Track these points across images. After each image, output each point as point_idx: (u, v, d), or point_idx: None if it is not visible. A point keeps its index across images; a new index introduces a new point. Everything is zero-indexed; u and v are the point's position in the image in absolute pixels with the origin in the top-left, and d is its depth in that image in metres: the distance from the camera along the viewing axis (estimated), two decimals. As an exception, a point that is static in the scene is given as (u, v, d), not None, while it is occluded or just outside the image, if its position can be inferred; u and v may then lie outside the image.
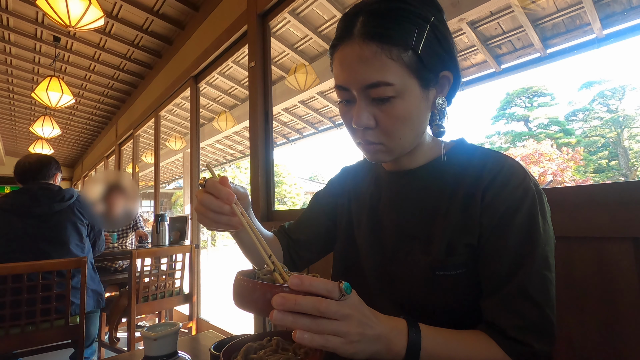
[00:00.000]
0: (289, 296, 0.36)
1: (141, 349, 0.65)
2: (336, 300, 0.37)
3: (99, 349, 2.24)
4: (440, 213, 0.54)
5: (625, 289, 0.77)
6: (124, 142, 5.30)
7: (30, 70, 4.26)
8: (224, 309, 4.30)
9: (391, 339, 0.41)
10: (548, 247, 0.50)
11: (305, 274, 0.39)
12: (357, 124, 0.51)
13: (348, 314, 0.37)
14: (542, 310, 0.47)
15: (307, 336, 0.36)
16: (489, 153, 0.56)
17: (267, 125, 2.12)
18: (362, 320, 0.39)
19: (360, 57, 0.48)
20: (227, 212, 0.49)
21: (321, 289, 0.37)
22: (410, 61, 0.48)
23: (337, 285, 0.37)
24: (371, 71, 0.47)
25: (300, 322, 0.36)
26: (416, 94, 0.50)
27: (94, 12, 2.24)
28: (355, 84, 0.49)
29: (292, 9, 2.24)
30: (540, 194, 0.51)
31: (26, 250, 1.67)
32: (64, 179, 10.30)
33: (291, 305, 0.36)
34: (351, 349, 0.38)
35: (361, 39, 0.48)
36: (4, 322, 1.50)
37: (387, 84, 0.48)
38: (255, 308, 0.38)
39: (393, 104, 0.49)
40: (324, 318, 0.36)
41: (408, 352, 0.42)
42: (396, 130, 0.51)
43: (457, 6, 2.31)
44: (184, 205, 5.02)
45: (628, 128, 17.07)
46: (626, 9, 2.85)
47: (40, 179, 1.84)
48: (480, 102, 55.97)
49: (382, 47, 0.47)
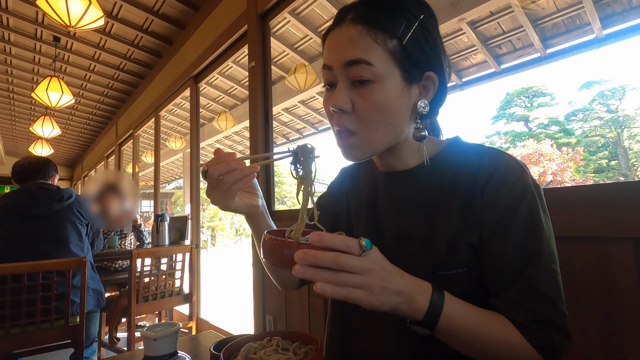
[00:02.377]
0: (309, 251, 0.37)
1: (141, 349, 0.65)
2: (356, 255, 0.39)
3: (99, 349, 2.24)
4: (439, 212, 0.54)
5: (625, 289, 0.77)
6: (124, 142, 5.30)
7: (30, 70, 4.26)
8: (224, 309, 4.31)
9: (413, 296, 0.42)
10: (552, 240, 0.50)
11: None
12: (334, 105, 0.51)
13: (369, 267, 0.39)
14: (555, 305, 0.47)
15: (329, 288, 0.37)
16: (485, 150, 0.55)
17: (267, 125, 2.12)
18: (384, 275, 0.40)
19: (346, 37, 0.50)
20: (237, 166, 0.50)
21: (341, 245, 0.38)
22: (395, 50, 0.49)
23: (357, 242, 0.39)
24: (354, 48, 0.49)
25: (321, 275, 0.38)
26: (397, 85, 0.50)
27: (94, 12, 2.24)
28: (337, 60, 0.51)
29: (292, 9, 2.24)
30: (539, 189, 0.52)
31: (26, 250, 1.67)
32: (64, 179, 10.32)
33: (312, 259, 0.37)
34: (374, 301, 0.39)
35: (350, 22, 0.50)
36: (4, 322, 1.50)
37: (367, 62, 0.48)
38: (281, 263, 0.40)
39: (372, 88, 0.49)
40: (345, 272, 0.38)
41: (429, 312, 0.43)
42: (372, 118, 0.51)
43: (457, 6, 2.31)
44: (184, 205, 5.02)
45: (628, 128, 17.07)
46: (626, 9, 2.85)
47: (39, 178, 1.84)
48: (480, 102, 56.00)
49: (369, 30, 0.49)
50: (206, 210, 18.21)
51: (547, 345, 0.46)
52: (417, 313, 0.43)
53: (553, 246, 0.50)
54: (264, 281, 1.99)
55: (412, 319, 0.44)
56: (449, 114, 52.74)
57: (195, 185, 3.07)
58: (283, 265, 0.40)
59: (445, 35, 3.22)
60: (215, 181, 0.50)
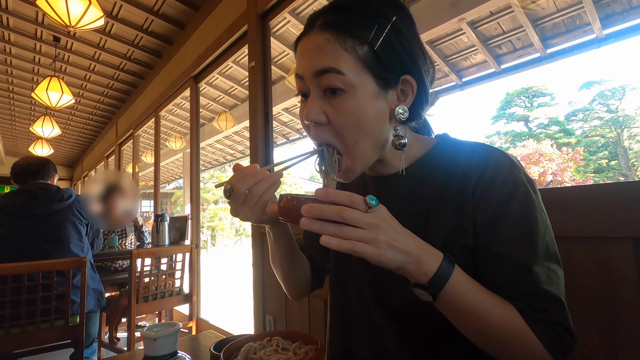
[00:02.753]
0: (314, 205, 0.39)
1: (141, 349, 0.65)
2: (362, 211, 0.39)
3: (99, 349, 2.24)
4: (432, 214, 0.53)
5: (625, 289, 0.77)
6: (124, 142, 5.30)
7: (30, 70, 4.26)
8: (224, 309, 4.31)
9: (421, 258, 0.42)
10: (548, 236, 0.48)
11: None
12: (307, 118, 0.50)
13: (374, 222, 0.39)
14: (557, 304, 0.46)
15: (334, 241, 0.38)
16: (475, 147, 0.54)
17: (267, 125, 2.12)
18: (390, 232, 0.40)
19: (314, 45, 0.49)
20: (262, 176, 0.48)
21: (345, 200, 0.39)
22: (366, 56, 0.48)
23: (363, 198, 0.39)
24: (322, 57, 0.48)
25: (326, 228, 0.38)
26: (370, 93, 0.49)
27: (94, 12, 2.24)
28: (307, 70, 0.50)
29: (292, 9, 2.23)
30: (532, 183, 0.50)
31: (26, 250, 1.67)
32: (64, 179, 10.32)
33: (317, 212, 0.38)
34: (379, 255, 0.39)
35: (318, 29, 0.49)
36: (4, 322, 1.51)
37: (337, 71, 0.47)
38: (290, 217, 0.43)
39: (344, 98, 0.48)
40: (349, 226, 0.38)
41: (435, 277, 0.42)
42: (347, 129, 0.49)
43: (457, 6, 2.31)
44: (184, 205, 5.02)
45: (628, 128, 17.08)
46: (626, 9, 2.85)
47: (39, 179, 1.84)
48: (480, 102, 56.02)
49: (337, 36, 0.47)
50: (206, 210, 18.22)
51: (559, 345, 0.44)
52: (422, 276, 0.42)
53: (550, 241, 0.48)
54: (264, 281, 1.99)
55: (417, 282, 0.43)
56: (449, 114, 52.74)
57: (195, 185, 3.07)
58: (294, 220, 0.41)
59: (445, 35, 3.22)
60: (242, 196, 0.48)
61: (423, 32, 2.55)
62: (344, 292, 0.65)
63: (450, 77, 3.74)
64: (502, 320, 0.44)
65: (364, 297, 0.60)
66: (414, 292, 0.44)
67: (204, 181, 19.01)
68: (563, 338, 0.45)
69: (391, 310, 0.56)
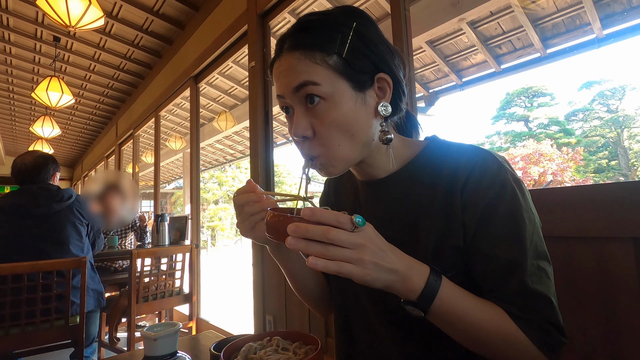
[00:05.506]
0: (301, 224, 0.39)
1: (141, 349, 0.65)
2: (348, 231, 0.39)
3: (99, 349, 2.24)
4: (422, 217, 0.54)
5: (625, 289, 0.77)
6: (124, 142, 5.30)
7: (30, 70, 4.27)
8: (224, 309, 4.31)
9: (408, 276, 0.43)
10: (536, 235, 0.49)
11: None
12: (296, 134, 0.52)
13: (360, 243, 0.39)
14: (547, 302, 0.46)
15: (321, 263, 0.38)
16: (463, 148, 0.55)
17: (267, 125, 2.12)
18: (376, 252, 0.40)
19: (287, 66, 0.51)
20: (255, 199, 0.53)
21: (331, 220, 0.39)
22: (337, 65, 0.49)
23: (349, 218, 0.39)
24: (297, 74, 0.50)
25: (312, 248, 0.38)
26: (349, 97, 0.50)
27: (94, 12, 2.24)
28: (286, 89, 0.51)
29: (292, 9, 2.23)
30: (519, 183, 0.51)
31: (26, 250, 1.67)
32: (63, 179, 10.32)
33: (302, 232, 0.38)
34: (365, 276, 0.39)
35: (287, 52, 0.51)
36: (4, 322, 1.50)
37: (313, 83, 0.49)
38: (277, 234, 0.42)
39: (326, 107, 0.50)
40: (335, 246, 0.38)
41: (423, 293, 0.43)
42: (332, 137, 0.51)
43: (457, 6, 2.31)
44: (184, 205, 5.02)
45: (628, 128, 17.07)
46: (626, 9, 2.85)
47: (39, 179, 1.82)
48: (480, 102, 55.98)
49: (306, 54, 0.49)
50: (206, 210, 18.22)
51: (549, 343, 0.46)
52: (411, 293, 0.43)
53: (538, 240, 0.49)
54: (264, 281, 1.99)
55: (406, 299, 0.44)
56: (449, 114, 52.75)
57: (195, 185, 3.07)
58: (280, 238, 0.41)
59: (445, 35, 3.22)
60: (239, 210, 0.54)
61: (423, 32, 2.55)
62: (345, 297, 0.65)
63: (450, 77, 3.74)
64: (493, 325, 0.45)
65: (364, 307, 0.61)
66: (405, 308, 0.45)
67: (204, 181, 19.01)
68: (553, 335, 0.46)
69: (389, 313, 0.56)
